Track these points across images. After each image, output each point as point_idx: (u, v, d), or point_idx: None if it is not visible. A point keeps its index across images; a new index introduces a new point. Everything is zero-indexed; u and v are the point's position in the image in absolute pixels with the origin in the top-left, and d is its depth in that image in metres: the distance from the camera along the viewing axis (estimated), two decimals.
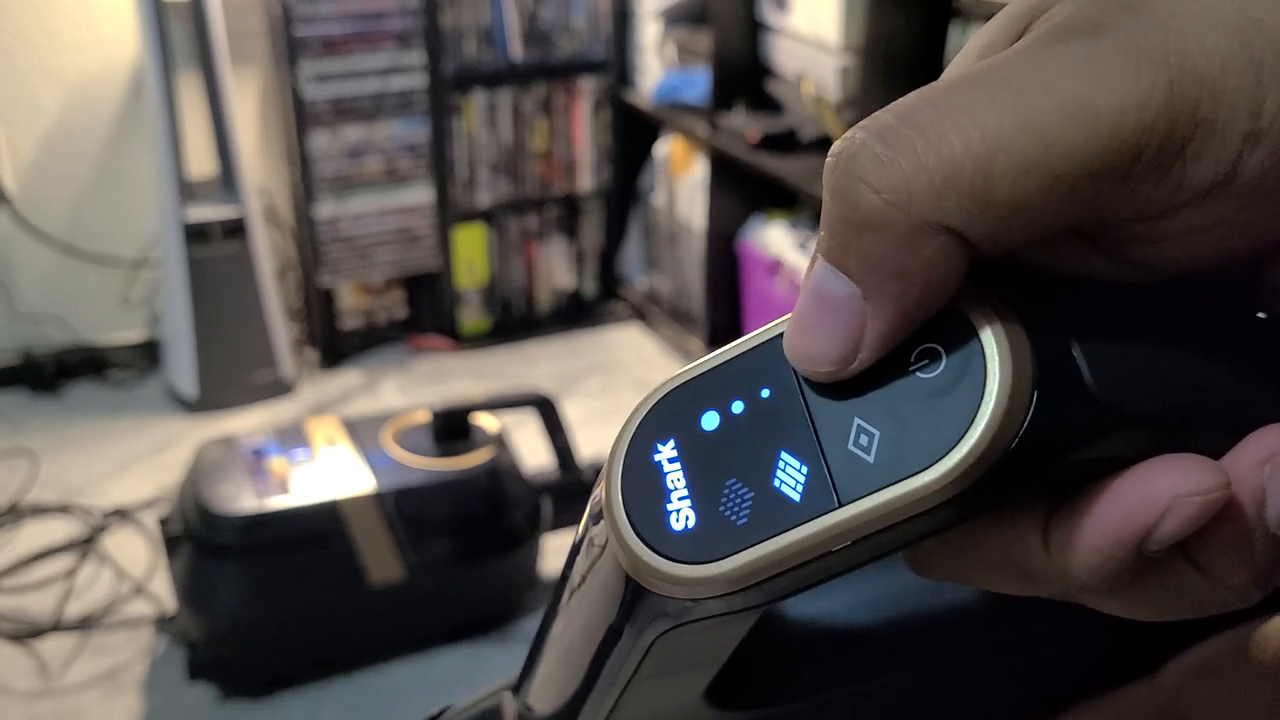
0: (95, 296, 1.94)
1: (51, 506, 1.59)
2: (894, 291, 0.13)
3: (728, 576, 0.13)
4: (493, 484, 1.27)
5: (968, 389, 0.12)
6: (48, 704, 1.26)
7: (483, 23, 1.91)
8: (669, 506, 0.14)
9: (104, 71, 1.84)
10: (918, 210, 0.12)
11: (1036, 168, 0.12)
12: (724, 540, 0.13)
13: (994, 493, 0.13)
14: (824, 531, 0.13)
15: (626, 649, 0.16)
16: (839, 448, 0.13)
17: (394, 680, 1.28)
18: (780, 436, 0.13)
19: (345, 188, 1.89)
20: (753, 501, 0.13)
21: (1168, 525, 0.12)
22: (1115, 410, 0.13)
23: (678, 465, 0.14)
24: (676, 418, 0.14)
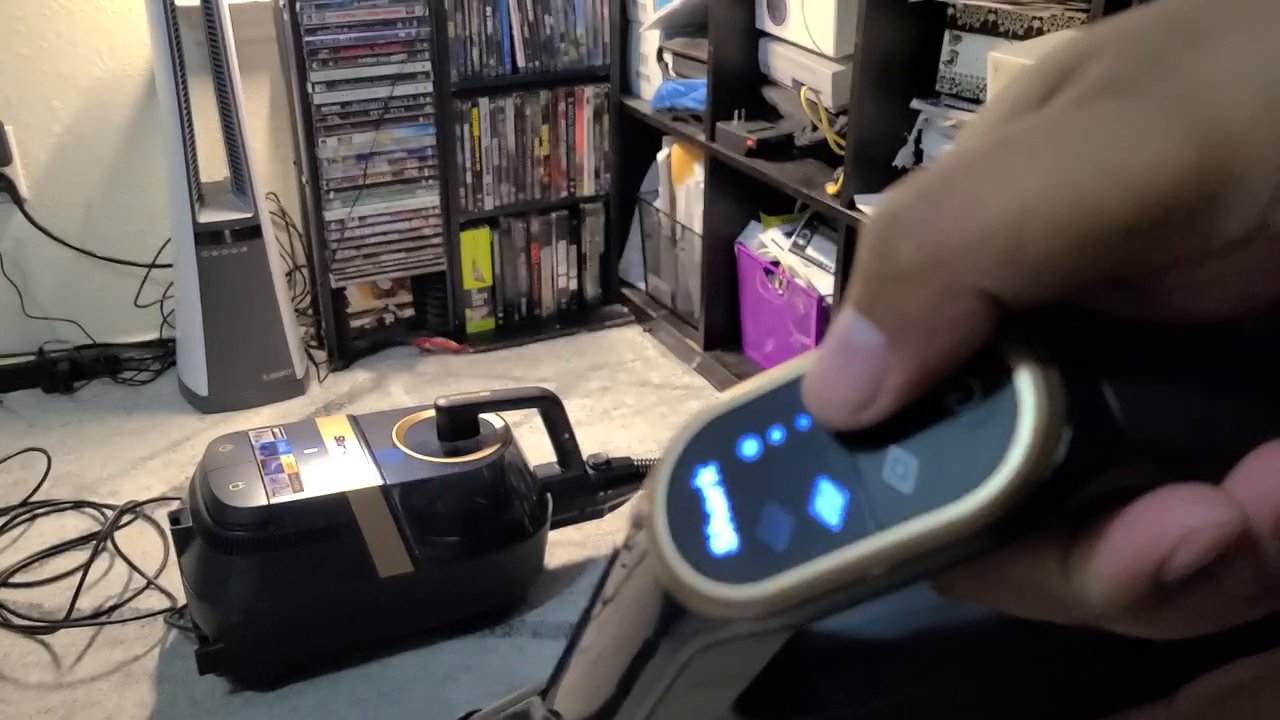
0: (108, 298, 1.96)
1: (65, 503, 1.60)
2: (919, 345, 0.13)
3: (767, 598, 0.14)
4: (498, 479, 1.28)
5: (1002, 423, 0.13)
6: (60, 695, 1.27)
7: (488, 32, 1.93)
8: (710, 530, 0.14)
9: (117, 77, 1.86)
10: (951, 269, 0.13)
11: (1069, 228, 0.12)
12: (764, 563, 0.14)
13: (1027, 523, 0.13)
14: (861, 557, 0.13)
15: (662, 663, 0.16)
16: (876, 476, 0.13)
17: (402, 671, 1.29)
18: (818, 464, 0.14)
19: (354, 191, 1.90)
20: (792, 527, 0.14)
21: (1181, 558, 0.13)
22: (1144, 441, 0.13)
23: (719, 489, 0.15)
24: (717, 444, 0.15)
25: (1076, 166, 0.13)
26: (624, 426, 1.81)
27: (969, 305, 0.13)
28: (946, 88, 1.49)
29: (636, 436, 1.79)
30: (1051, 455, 0.13)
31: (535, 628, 1.37)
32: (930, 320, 0.13)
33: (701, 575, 0.14)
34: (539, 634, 1.36)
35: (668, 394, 1.92)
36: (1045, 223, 0.13)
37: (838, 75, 1.58)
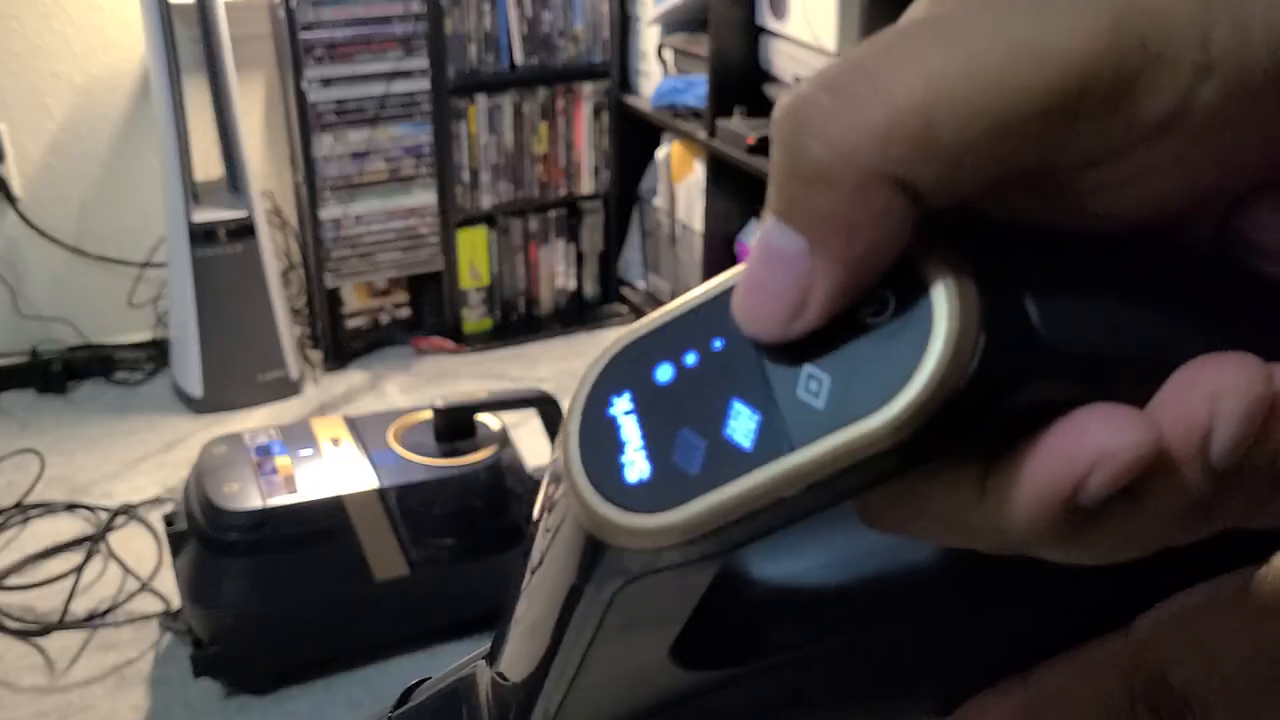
0: (102, 297, 1.95)
1: (59, 504, 1.60)
2: (841, 245, 0.13)
3: (682, 525, 0.13)
4: (495, 481, 1.28)
5: (916, 333, 0.12)
6: (54, 699, 1.27)
7: (485, 28, 1.92)
8: (624, 459, 0.14)
9: (111, 75, 1.85)
10: (864, 160, 0.12)
11: (982, 111, 0.12)
12: (678, 490, 0.13)
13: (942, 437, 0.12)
14: (775, 478, 0.13)
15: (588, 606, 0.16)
16: (789, 395, 0.13)
17: (398, 675, 1.29)
18: (732, 386, 0.14)
19: (350, 190, 1.90)
20: (705, 450, 0.13)
21: (1096, 480, 0.12)
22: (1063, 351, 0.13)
23: (632, 417, 0.14)
24: (631, 370, 0.14)
25: (989, 46, 0.12)
26: None
27: (886, 199, 0.12)
28: None
29: None
30: (965, 365, 0.12)
31: None
32: (848, 218, 0.12)
33: (615, 506, 0.14)
34: None
35: None
36: (957, 105, 0.12)
37: None
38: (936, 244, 0.13)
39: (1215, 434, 0.13)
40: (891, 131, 0.12)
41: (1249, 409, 0.13)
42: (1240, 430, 0.13)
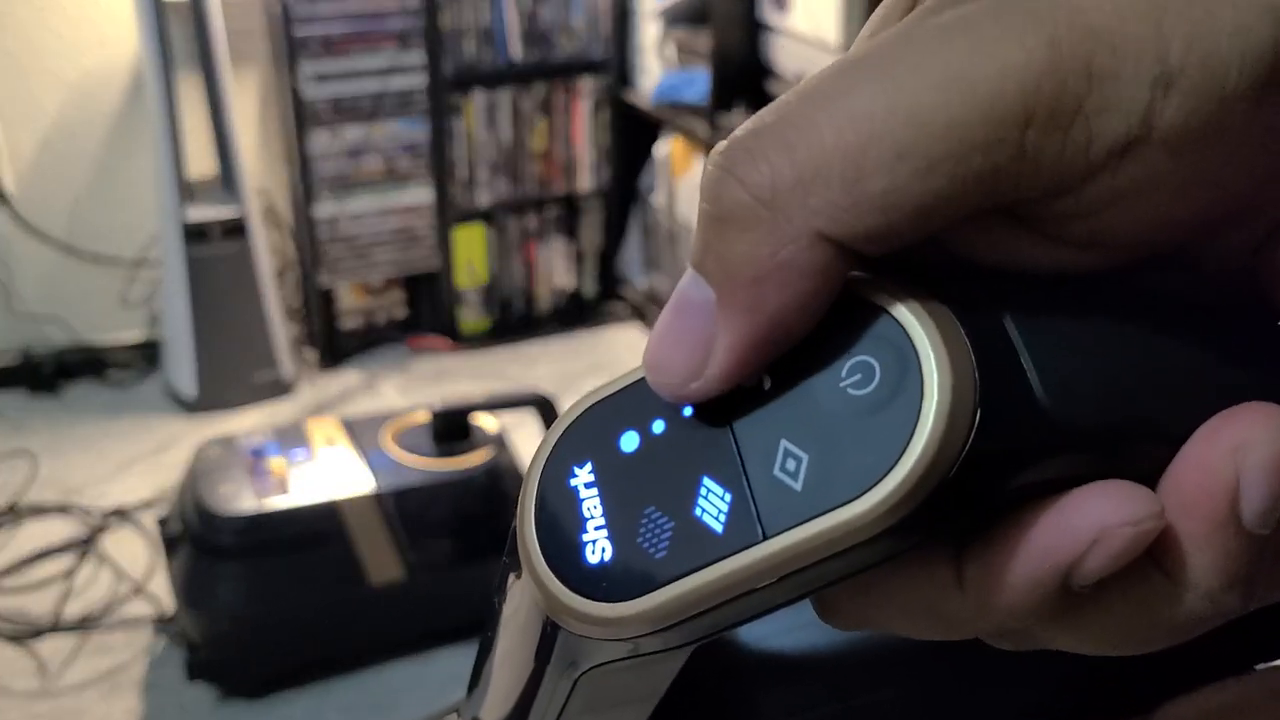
0: (95, 296, 1.94)
1: (51, 506, 1.59)
2: (747, 299, 0.12)
3: (645, 616, 0.12)
4: (492, 484, 1.28)
5: (904, 407, 0.11)
6: (47, 704, 1.26)
7: (482, 23, 1.91)
8: (585, 537, 0.13)
9: (104, 71, 1.84)
10: (782, 206, 0.11)
11: (911, 152, 0.11)
12: (642, 576, 0.12)
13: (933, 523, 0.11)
14: (747, 568, 0.12)
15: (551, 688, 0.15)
16: (764, 474, 0.12)
17: (394, 680, 1.28)
18: (703, 460, 0.12)
19: (345, 187, 1.89)
20: (672, 532, 0.12)
21: (1094, 558, 0.11)
22: (1069, 424, 0.12)
23: (594, 491, 0.13)
24: (595, 437, 0.13)
25: (915, 83, 0.11)
26: None
27: (804, 250, 0.11)
28: None
29: None
30: (959, 443, 0.11)
31: None
32: (758, 267, 0.12)
33: (573, 591, 0.13)
34: None
35: None
36: (885, 148, 0.11)
37: None
38: (924, 305, 0.12)
39: (1244, 492, 0.11)
40: (816, 177, 0.11)
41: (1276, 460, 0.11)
42: (1271, 486, 0.11)
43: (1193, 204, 0.12)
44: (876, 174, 0.11)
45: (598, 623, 0.13)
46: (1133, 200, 0.12)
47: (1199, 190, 0.12)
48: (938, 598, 0.12)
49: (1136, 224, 0.12)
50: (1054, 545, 0.12)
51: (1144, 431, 0.12)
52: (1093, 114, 0.11)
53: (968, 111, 0.11)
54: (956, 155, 0.11)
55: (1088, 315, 0.13)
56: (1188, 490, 0.12)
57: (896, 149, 0.11)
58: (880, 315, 0.12)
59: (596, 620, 0.13)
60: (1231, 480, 0.11)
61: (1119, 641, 0.12)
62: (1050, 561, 0.12)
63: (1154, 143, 0.12)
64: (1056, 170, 0.12)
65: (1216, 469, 0.12)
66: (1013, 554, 0.12)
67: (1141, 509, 0.11)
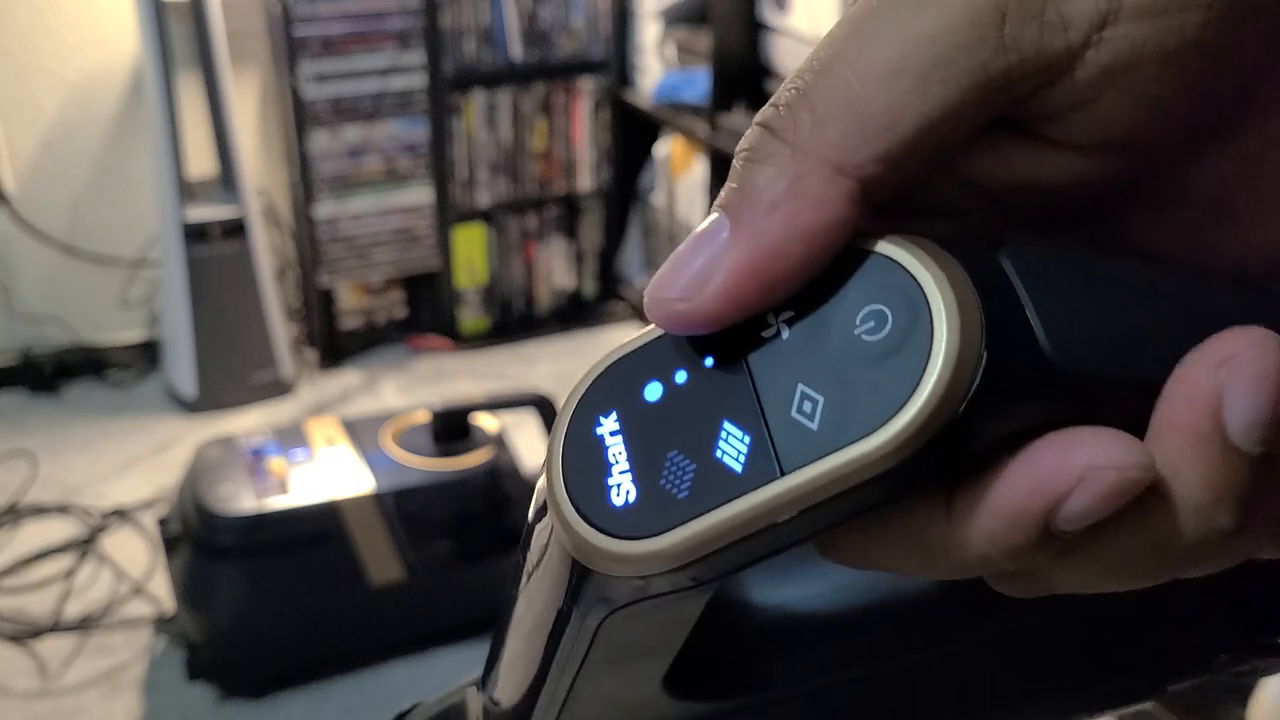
0: (94, 296, 1.94)
1: (51, 507, 1.59)
2: (756, 225, 0.12)
3: (668, 552, 0.13)
4: (492, 484, 1.28)
5: (914, 351, 0.12)
6: (47, 704, 1.26)
7: (482, 23, 1.91)
8: (610, 481, 0.13)
9: (104, 71, 1.84)
10: (801, 143, 0.12)
11: (901, 68, 0.12)
12: (665, 515, 0.13)
13: (941, 459, 0.12)
14: (766, 503, 0.12)
15: (574, 633, 0.15)
16: (782, 416, 0.13)
17: (394, 680, 1.28)
18: (723, 406, 0.13)
19: (345, 188, 1.89)
20: (694, 473, 0.13)
21: (1078, 499, 0.12)
22: (1070, 372, 0.12)
23: (619, 438, 0.14)
24: (619, 389, 0.14)
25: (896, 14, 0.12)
26: None
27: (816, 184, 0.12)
28: None
29: None
30: (966, 384, 0.12)
31: None
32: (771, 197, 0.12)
33: (599, 531, 0.13)
34: None
35: None
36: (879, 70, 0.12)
37: None
38: (934, 256, 0.12)
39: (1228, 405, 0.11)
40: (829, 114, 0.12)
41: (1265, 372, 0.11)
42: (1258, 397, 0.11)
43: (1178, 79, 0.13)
44: (877, 96, 0.12)
45: (623, 560, 0.13)
46: (1121, 78, 0.13)
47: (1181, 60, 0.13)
48: (926, 527, 0.13)
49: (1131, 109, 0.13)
50: (1039, 482, 0.12)
51: (1141, 380, 0.13)
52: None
53: (945, 19, 0.12)
54: (945, 60, 0.12)
55: (1089, 269, 0.13)
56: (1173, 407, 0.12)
57: (890, 68, 0.12)
58: (892, 265, 0.12)
59: (622, 558, 0.13)
60: (1216, 393, 0.12)
61: (1117, 574, 0.13)
62: (1035, 498, 0.12)
63: (1126, 14, 0.12)
64: (1040, 57, 0.12)
65: (1201, 383, 0.12)
66: (999, 489, 0.12)
67: (1130, 455, 0.12)
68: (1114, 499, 0.12)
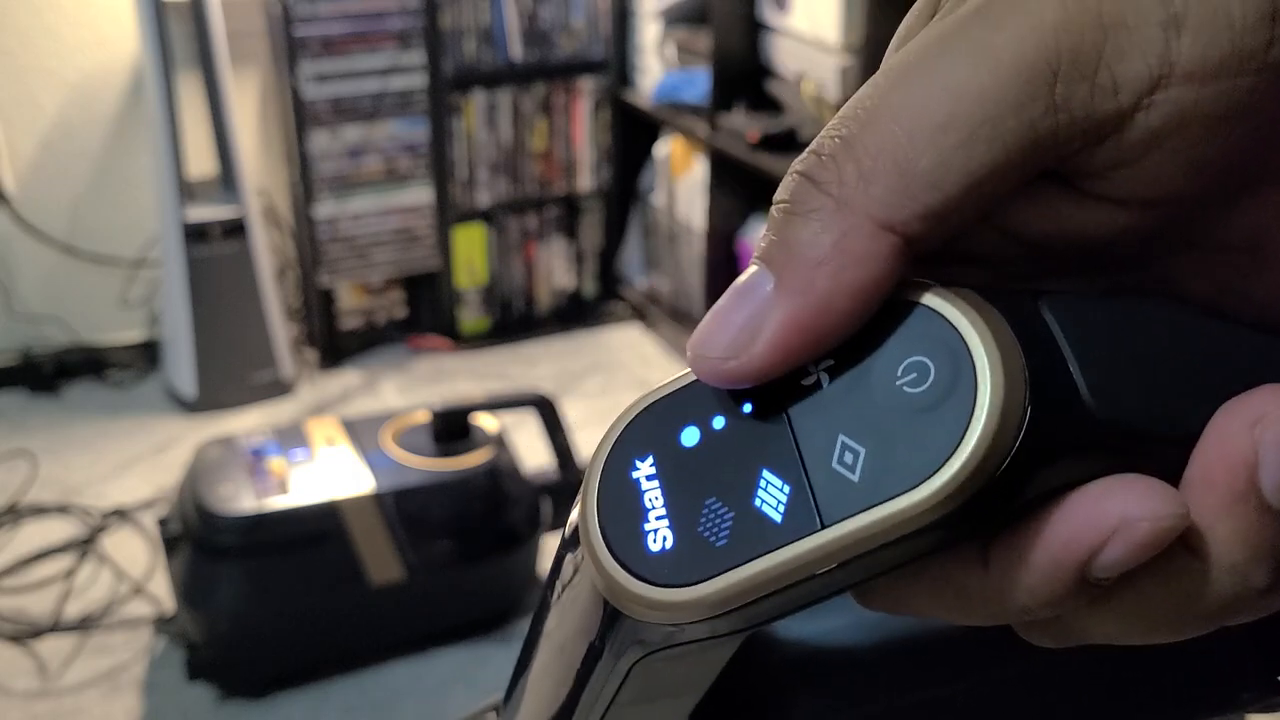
0: (95, 296, 1.94)
1: (51, 507, 1.59)
2: (803, 281, 0.12)
3: (705, 601, 0.13)
4: (492, 484, 1.27)
5: (958, 404, 0.12)
6: (47, 704, 1.26)
7: (482, 23, 1.91)
8: (646, 526, 0.13)
9: (104, 71, 1.84)
10: (845, 198, 0.12)
11: (950, 124, 0.12)
12: (702, 563, 0.13)
13: (983, 513, 0.12)
14: (806, 554, 0.12)
15: (605, 673, 0.15)
16: (823, 466, 0.13)
17: (393, 680, 1.28)
18: (762, 454, 0.13)
19: (345, 188, 1.89)
20: (733, 522, 0.13)
21: (1113, 550, 0.12)
22: (1111, 425, 0.12)
23: (656, 483, 0.14)
24: (656, 432, 0.14)
25: (945, 66, 0.13)
26: None
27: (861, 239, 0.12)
28: None
29: None
30: (1010, 440, 0.12)
31: None
32: (816, 254, 0.12)
33: (635, 577, 0.13)
34: None
35: None
36: (927, 126, 0.12)
37: (842, 67, 1.56)
38: (976, 307, 0.12)
39: (1263, 464, 0.12)
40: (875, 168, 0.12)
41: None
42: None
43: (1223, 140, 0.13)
44: (924, 152, 0.12)
45: (660, 608, 0.13)
46: (1168, 140, 0.13)
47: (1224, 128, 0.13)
48: (964, 580, 0.13)
49: (1172, 169, 0.13)
50: (1076, 534, 0.12)
51: (1180, 431, 0.13)
52: (1113, 60, 0.12)
53: (996, 77, 0.12)
54: (993, 118, 0.12)
55: (1128, 318, 0.13)
56: (1208, 463, 0.12)
57: (937, 124, 0.12)
58: (934, 317, 0.12)
59: (659, 605, 0.13)
60: (1250, 453, 0.12)
61: (1151, 627, 0.13)
62: (1071, 550, 0.12)
63: (1177, 79, 0.12)
64: (1090, 118, 0.12)
65: (1235, 442, 0.12)
66: (1036, 540, 0.12)
67: (1164, 506, 0.12)
68: (1148, 549, 0.12)
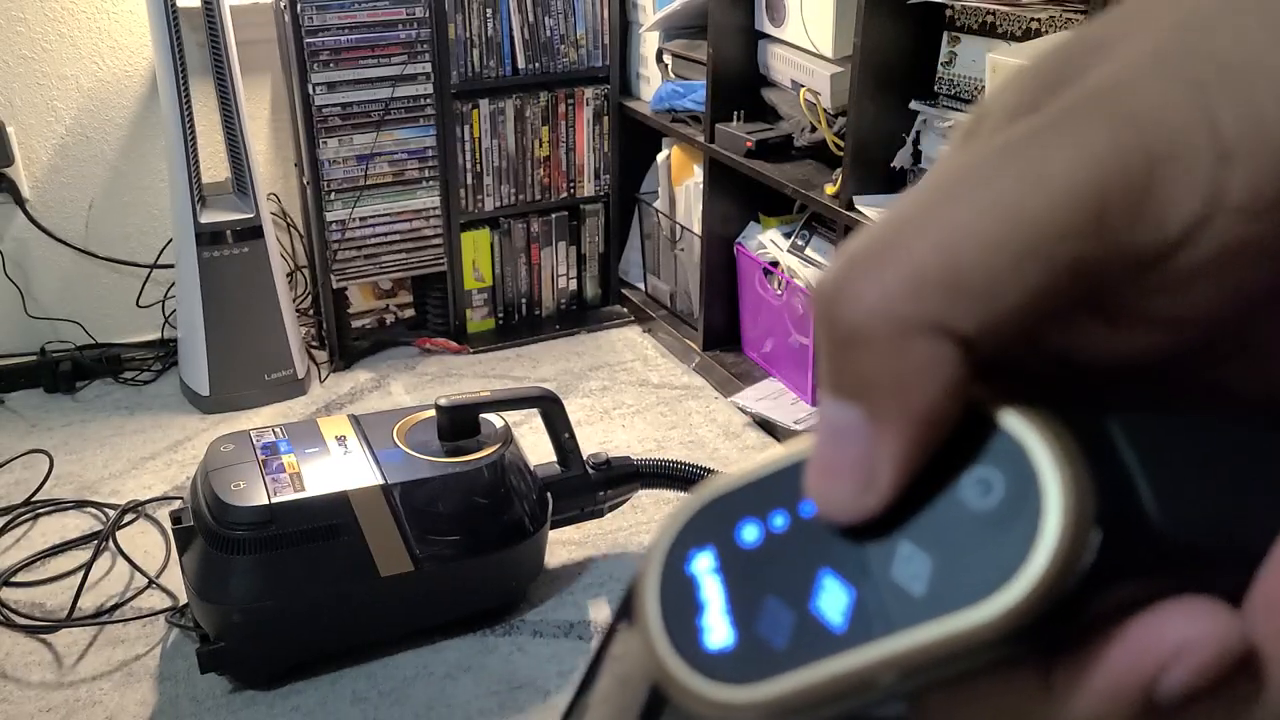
0: (110, 298, 1.96)
1: (67, 502, 1.60)
2: (896, 405, 0.12)
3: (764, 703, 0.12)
4: (499, 479, 1.28)
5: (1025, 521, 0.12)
6: (62, 694, 1.27)
7: (488, 34, 1.94)
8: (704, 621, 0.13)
9: (119, 78, 1.86)
10: (897, 313, 0.12)
11: (1003, 245, 0.12)
12: (761, 663, 0.13)
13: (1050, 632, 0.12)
14: (868, 663, 0.12)
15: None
16: (884, 574, 0.12)
17: (402, 670, 1.30)
18: (823, 556, 0.13)
19: (354, 192, 1.91)
20: (793, 624, 0.13)
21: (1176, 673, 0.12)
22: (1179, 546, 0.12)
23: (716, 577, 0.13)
24: (716, 527, 0.14)
25: (998, 187, 0.12)
26: (624, 426, 1.82)
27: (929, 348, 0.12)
28: (945, 89, 1.50)
29: (636, 436, 1.79)
30: (1079, 560, 0.11)
31: (536, 627, 1.37)
32: (896, 375, 0.12)
33: (694, 671, 0.13)
34: (539, 633, 1.36)
35: (667, 394, 1.93)
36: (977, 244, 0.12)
37: (836, 76, 1.58)
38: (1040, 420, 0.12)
39: None
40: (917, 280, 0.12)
41: None
42: None
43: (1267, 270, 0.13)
44: (974, 267, 0.12)
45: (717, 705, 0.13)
46: (1211, 271, 0.12)
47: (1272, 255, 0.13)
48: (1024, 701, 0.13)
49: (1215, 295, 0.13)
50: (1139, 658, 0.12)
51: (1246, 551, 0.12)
52: (1161, 193, 0.12)
53: (1048, 203, 0.12)
54: (1045, 244, 0.12)
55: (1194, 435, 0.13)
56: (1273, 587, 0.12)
57: (988, 243, 0.12)
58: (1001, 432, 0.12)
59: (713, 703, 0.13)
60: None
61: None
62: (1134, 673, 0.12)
63: (1226, 212, 0.12)
64: (1137, 249, 0.12)
65: None
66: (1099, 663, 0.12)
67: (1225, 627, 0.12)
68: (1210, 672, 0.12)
